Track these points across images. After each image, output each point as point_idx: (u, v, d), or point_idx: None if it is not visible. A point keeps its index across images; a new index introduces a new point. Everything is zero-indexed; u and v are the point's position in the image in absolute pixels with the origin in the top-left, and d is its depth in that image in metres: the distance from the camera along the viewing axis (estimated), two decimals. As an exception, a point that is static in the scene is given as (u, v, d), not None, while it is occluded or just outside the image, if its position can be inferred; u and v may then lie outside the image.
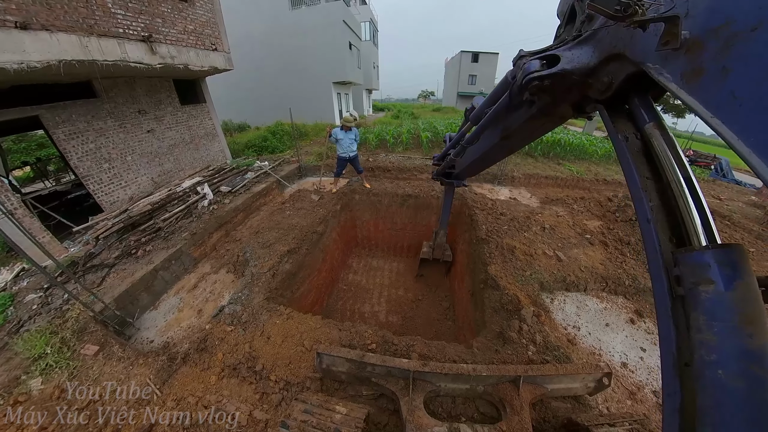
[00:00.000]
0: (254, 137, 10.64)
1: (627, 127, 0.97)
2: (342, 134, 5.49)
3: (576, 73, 0.99)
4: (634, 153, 0.92)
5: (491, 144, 1.91)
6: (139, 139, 5.79)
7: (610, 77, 0.93)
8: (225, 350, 2.56)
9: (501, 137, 1.71)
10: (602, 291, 3.87)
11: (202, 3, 5.97)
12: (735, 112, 0.57)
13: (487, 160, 2.40)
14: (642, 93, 0.93)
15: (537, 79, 1.04)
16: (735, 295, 0.63)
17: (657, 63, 0.73)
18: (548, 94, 1.11)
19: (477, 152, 2.28)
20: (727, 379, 0.61)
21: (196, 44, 5.83)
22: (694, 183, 0.80)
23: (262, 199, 5.85)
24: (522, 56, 1.17)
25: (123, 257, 3.77)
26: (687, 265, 0.72)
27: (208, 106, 7.61)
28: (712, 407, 0.63)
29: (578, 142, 9.94)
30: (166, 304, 3.50)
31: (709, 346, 0.65)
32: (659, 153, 0.86)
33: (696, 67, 0.64)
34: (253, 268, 3.67)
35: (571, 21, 1.20)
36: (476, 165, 2.59)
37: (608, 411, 2.37)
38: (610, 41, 0.90)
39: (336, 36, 14.44)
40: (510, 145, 1.89)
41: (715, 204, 7.26)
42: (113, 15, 4.26)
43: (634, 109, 0.95)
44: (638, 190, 0.88)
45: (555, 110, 1.27)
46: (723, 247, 0.68)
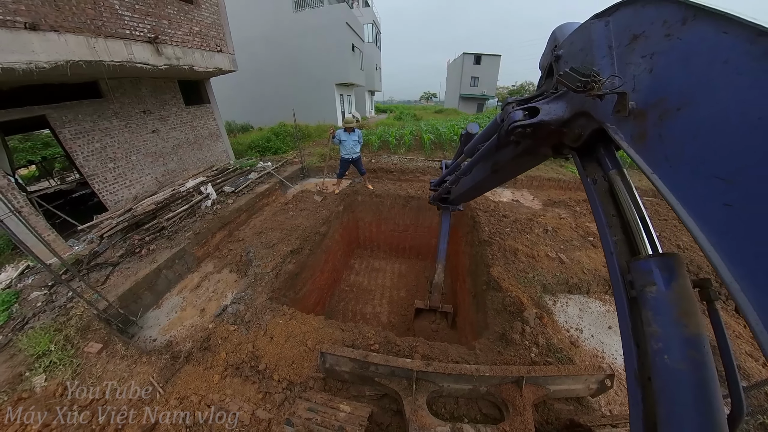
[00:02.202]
0: (257, 138, 10.69)
1: (597, 171, 1.13)
2: (345, 136, 5.51)
3: (552, 123, 1.16)
4: (601, 194, 1.08)
5: (483, 176, 2.14)
6: (144, 139, 5.84)
7: (580, 130, 1.09)
8: (228, 349, 2.57)
9: (492, 171, 1.94)
10: (605, 293, 3.85)
11: (207, 5, 6.04)
12: (668, 171, 0.70)
13: (480, 189, 2.68)
14: (606, 144, 1.10)
15: (520, 127, 1.21)
16: (672, 293, 0.77)
17: (614, 124, 0.88)
18: (530, 139, 1.28)
19: (470, 182, 2.52)
20: (672, 363, 0.73)
21: (201, 46, 5.89)
22: (646, 218, 0.98)
23: (265, 199, 5.88)
24: (509, 103, 1.34)
25: (127, 256, 3.79)
26: (636, 271, 0.87)
27: (212, 106, 7.67)
28: (663, 389, 0.75)
29: (580, 145, 9.91)
30: (169, 303, 3.51)
31: (656, 337, 0.77)
32: (620, 196, 1.02)
33: (641, 131, 0.78)
34: (256, 268, 3.68)
35: (549, 75, 1.38)
36: (470, 193, 2.85)
37: (611, 413, 2.36)
38: (578, 101, 1.06)
39: (339, 38, 14.52)
40: (500, 177, 2.12)
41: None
42: (120, 16, 4.32)
43: (600, 158, 1.12)
44: (603, 226, 1.03)
45: (537, 150, 1.46)
46: (662, 256, 0.84)
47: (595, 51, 0.98)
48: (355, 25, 15.86)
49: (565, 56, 1.22)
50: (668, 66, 0.72)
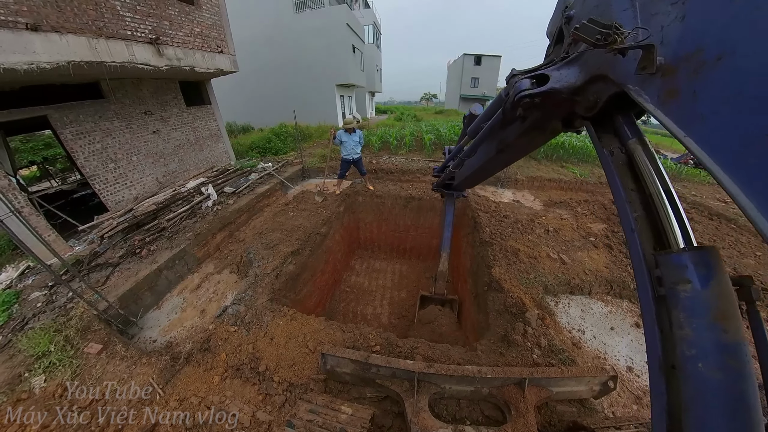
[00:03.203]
0: (258, 139, 10.71)
1: (613, 142, 1.03)
2: (346, 136, 5.51)
3: (564, 91, 1.05)
4: (618, 166, 0.98)
5: (488, 157, 2.01)
6: (145, 139, 5.84)
7: (596, 96, 0.99)
8: (228, 351, 2.55)
9: (497, 151, 1.80)
10: (607, 294, 3.84)
11: (208, 6, 6.05)
12: (703, 132, 0.62)
13: (485, 172, 2.51)
14: (625, 111, 1.00)
15: (528, 97, 1.10)
16: (710, 293, 0.68)
17: (636, 85, 0.79)
18: (539, 111, 1.17)
19: (475, 165, 2.37)
20: (707, 371, 0.65)
21: (202, 47, 5.90)
22: (673, 193, 0.87)
23: (266, 200, 5.87)
24: (514, 75, 1.22)
25: (127, 256, 3.78)
26: (667, 267, 0.78)
27: (213, 107, 7.68)
28: (694, 398, 0.67)
29: (581, 145, 9.91)
30: (169, 303, 3.50)
31: (689, 342, 0.69)
32: (641, 167, 0.92)
33: (670, 89, 0.69)
34: (257, 268, 3.67)
35: (559, 42, 1.27)
36: (474, 177, 2.70)
37: (614, 415, 2.34)
38: (594, 63, 0.96)
39: (339, 39, 14.55)
40: (506, 158, 1.98)
41: (721, 207, 7.19)
42: (122, 17, 4.33)
43: (618, 126, 1.01)
44: (623, 201, 0.94)
45: (546, 125, 1.35)
46: (698, 249, 0.73)
47: (613, 4, 0.88)
48: (355, 26, 15.90)
49: (577, 16, 1.11)
50: (705, 11, 0.63)
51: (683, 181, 9.32)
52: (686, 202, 7.24)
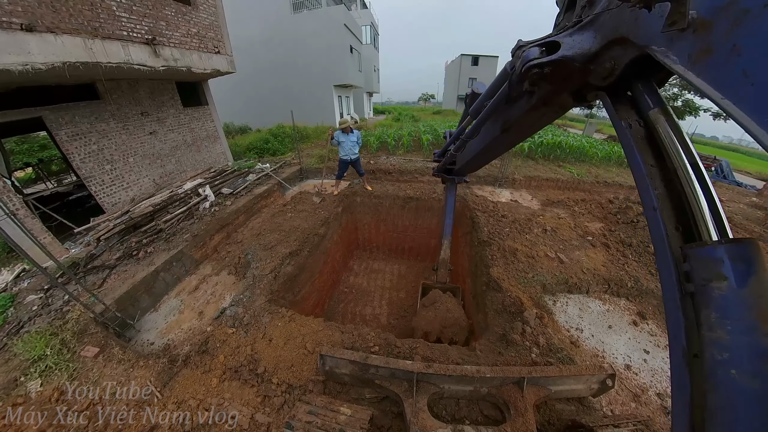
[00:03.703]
0: (255, 139, 10.68)
1: (629, 115, 0.94)
2: (343, 137, 5.50)
3: (577, 59, 0.95)
4: (637, 140, 0.90)
5: (492, 137, 1.86)
6: (142, 140, 5.81)
7: (613, 62, 0.90)
8: (226, 353, 2.54)
9: (501, 130, 1.67)
10: (604, 293, 3.86)
11: (205, 6, 6.03)
12: (747, 92, 0.55)
13: (488, 154, 2.32)
14: (645, 78, 0.91)
15: (537, 67, 1.01)
16: (749, 291, 0.61)
17: (663, 45, 0.71)
18: (548, 82, 1.07)
19: (477, 146, 2.20)
20: (741, 379, 0.59)
21: (199, 47, 5.88)
22: (702, 170, 0.77)
23: (264, 201, 5.85)
24: (521, 46, 1.13)
25: (124, 259, 3.76)
26: (698, 261, 0.69)
27: (210, 108, 7.65)
28: (724, 408, 0.61)
29: (578, 145, 9.96)
30: (166, 305, 3.48)
31: (722, 345, 0.62)
32: (664, 139, 0.83)
33: (704, 47, 0.61)
34: (255, 270, 3.66)
35: (570, 8, 1.17)
36: (477, 159, 2.51)
37: (612, 413, 2.35)
38: (612, 25, 0.87)
39: (337, 39, 14.55)
40: (510, 138, 1.82)
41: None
42: (118, 18, 4.30)
43: (638, 95, 0.92)
44: (643, 177, 0.85)
45: (555, 99, 1.24)
46: (736, 242, 0.65)
47: None
48: (353, 26, 15.89)
49: None
50: None
51: (679, 180, 9.35)
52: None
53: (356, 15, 18.82)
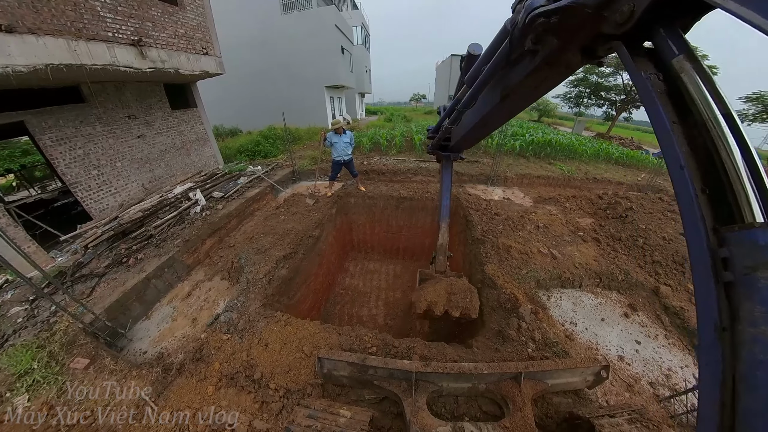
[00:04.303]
0: (246, 142, 10.55)
1: (648, 68, 0.84)
2: (336, 138, 5.49)
3: (589, 4, 0.82)
4: (659, 92, 0.80)
5: (490, 106, 1.68)
6: (129, 144, 5.69)
7: (632, 4, 0.78)
8: (222, 359, 2.50)
9: (501, 97, 1.51)
10: (596, 287, 3.94)
11: (192, 7, 5.94)
12: None
13: (486, 125, 2.11)
14: (668, 23, 0.79)
15: (543, 15, 0.89)
16: None
17: None
18: (555, 35, 0.95)
19: (474, 117, 1.99)
20: None
21: (186, 48, 5.79)
22: (739, 126, 0.64)
23: (256, 204, 5.79)
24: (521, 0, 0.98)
25: (113, 266, 3.67)
26: (741, 246, 0.60)
27: (200, 110, 7.53)
28: (763, 414, 0.54)
29: (568, 142, 10.16)
30: (159, 313, 3.41)
31: (765, 343, 0.55)
32: (691, 89, 0.72)
33: None
34: (249, 274, 3.61)
35: None
36: (474, 132, 2.30)
37: (607, 403, 2.40)
38: None
39: (328, 40, 14.50)
40: (510, 106, 1.66)
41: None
42: (102, 18, 4.20)
43: (660, 43, 0.81)
44: (667, 132, 0.74)
45: (561, 57, 1.10)
46: None
47: None
48: (343, 27, 15.87)
49: None
50: None
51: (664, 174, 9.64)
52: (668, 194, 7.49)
53: (347, 16, 18.80)
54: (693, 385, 2.56)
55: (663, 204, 5.90)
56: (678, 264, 4.17)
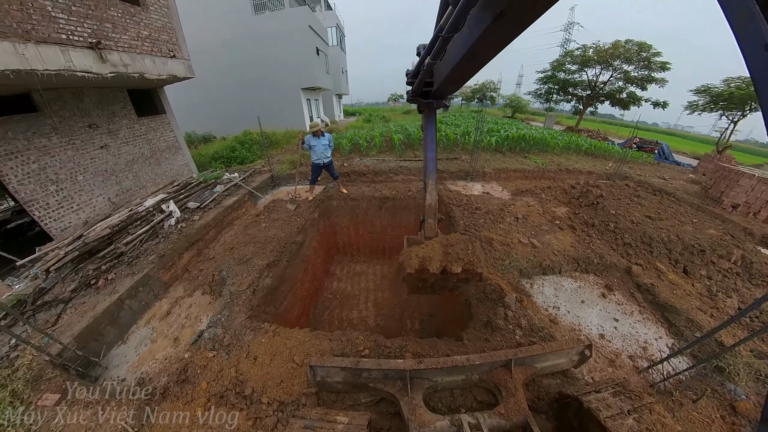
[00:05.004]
0: (221, 148, 10.16)
1: None
2: (315, 141, 5.41)
3: None
4: None
5: (481, 30, 1.42)
6: (92, 156, 5.31)
7: None
8: (209, 378, 2.39)
9: (493, 17, 1.29)
10: (575, 271, 4.14)
11: (156, 7, 5.63)
12: None
13: (475, 57, 1.76)
14: None
15: None
16: None
17: None
18: None
19: (463, 47, 1.65)
20: None
21: (151, 51, 5.48)
22: None
23: (235, 212, 5.59)
24: None
25: (81, 289, 3.40)
26: None
27: (169, 117, 7.17)
28: None
29: (540, 136, 10.61)
30: (136, 336, 3.20)
31: None
32: None
33: None
34: (231, 286, 3.48)
35: None
36: (460, 70, 1.94)
37: (593, 380, 2.54)
38: None
39: (302, 41, 14.26)
40: (507, 27, 1.40)
41: (661, 183, 8.07)
42: (54, 19, 3.88)
43: None
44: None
45: None
46: None
47: None
48: (318, 28, 15.67)
49: None
50: None
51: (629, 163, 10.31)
52: (633, 180, 8.02)
53: (321, 16, 18.57)
54: (667, 354, 2.75)
55: (629, 190, 6.31)
56: (646, 244, 4.48)
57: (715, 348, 2.83)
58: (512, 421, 1.79)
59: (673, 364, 2.61)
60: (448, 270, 2.21)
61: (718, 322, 3.18)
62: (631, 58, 16.95)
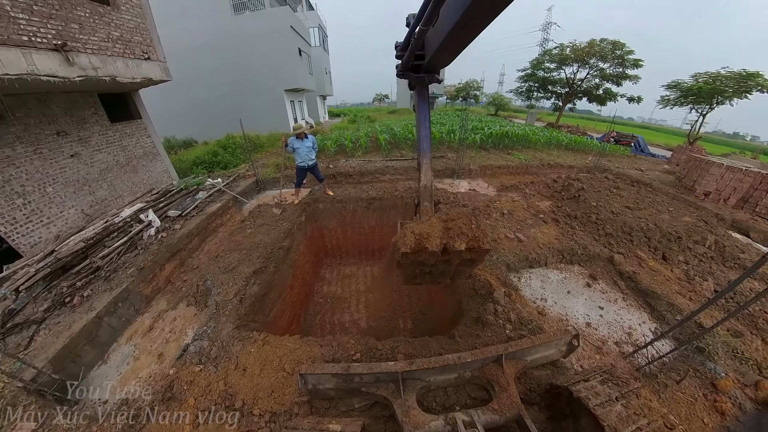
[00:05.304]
0: (203, 153, 9.85)
1: None
2: (298, 143, 5.32)
3: None
4: None
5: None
6: (61, 165, 5.03)
7: None
8: (197, 394, 2.30)
9: None
10: (560, 263, 4.25)
11: (128, 6, 5.37)
12: None
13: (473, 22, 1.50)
14: None
15: None
16: None
17: None
18: None
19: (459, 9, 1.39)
20: None
21: (124, 53, 5.23)
22: None
23: (219, 219, 5.43)
24: None
25: (55, 309, 3.22)
26: None
27: (145, 122, 6.88)
28: None
29: (523, 133, 10.85)
30: (117, 354, 3.05)
31: None
32: None
33: None
34: (217, 296, 3.37)
35: None
36: (454, 36, 1.67)
37: (582, 368, 2.60)
38: None
39: (284, 42, 14.03)
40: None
41: (639, 175, 8.40)
42: (13, 20, 3.63)
43: None
44: None
45: None
46: None
47: None
48: (300, 28, 15.46)
49: None
50: None
51: (607, 156, 10.70)
52: (612, 173, 8.31)
53: (302, 17, 18.33)
54: (651, 338, 2.85)
55: (609, 182, 6.53)
56: (626, 234, 4.64)
57: (695, 330, 2.96)
58: (506, 415, 1.80)
59: (657, 347, 2.70)
60: (450, 248, 1.92)
61: (696, 304, 3.34)
62: (606, 56, 17.70)
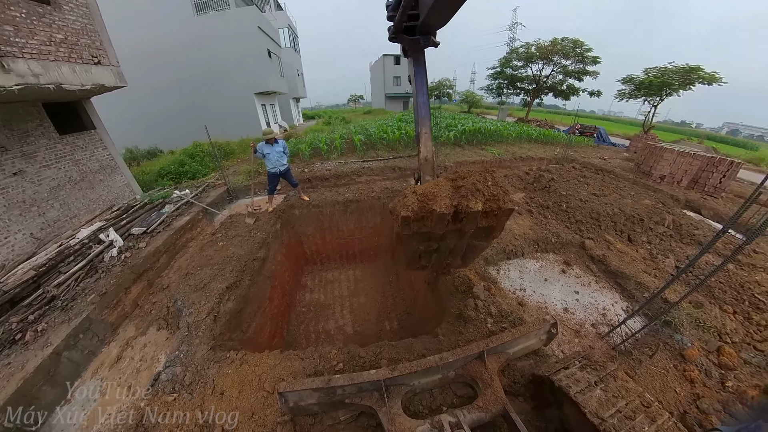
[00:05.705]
0: (168, 163, 9.28)
1: None
2: (268, 148, 5.13)
3: None
4: None
5: None
6: (2, 185, 4.52)
7: None
8: (171, 425, 2.14)
9: None
10: (536, 252, 4.40)
11: (72, 6, 4.89)
12: None
13: None
14: None
15: None
16: None
17: None
18: None
19: None
20: None
21: (69, 58, 4.76)
22: None
23: (188, 233, 5.13)
24: None
25: (3, 348, 2.89)
26: None
27: (100, 132, 6.35)
28: None
29: (495, 129, 11.17)
30: (82, 391, 2.77)
31: None
32: None
33: None
34: (188, 317, 3.17)
35: None
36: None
37: (563, 354, 2.69)
38: None
39: (252, 43, 13.52)
40: None
41: (602, 163, 8.91)
42: None
43: None
44: None
45: None
46: None
47: None
48: (268, 29, 14.96)
49: None
50: None
51: (574, 147, 11.26)
52: (579, 163, 8.75)
53: (271, 17, 17.75)
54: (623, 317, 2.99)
55: (576, 171, 6.86)
56: (594, 219, 4.88)
57: (662, 305, 3.16)
58: (491, 412, 1.81)
59: (629, 325, 2.84)
60: (464, 210, 1.56)
61: (660, 281, 3.56)
62: (567, 54, 18.87)
